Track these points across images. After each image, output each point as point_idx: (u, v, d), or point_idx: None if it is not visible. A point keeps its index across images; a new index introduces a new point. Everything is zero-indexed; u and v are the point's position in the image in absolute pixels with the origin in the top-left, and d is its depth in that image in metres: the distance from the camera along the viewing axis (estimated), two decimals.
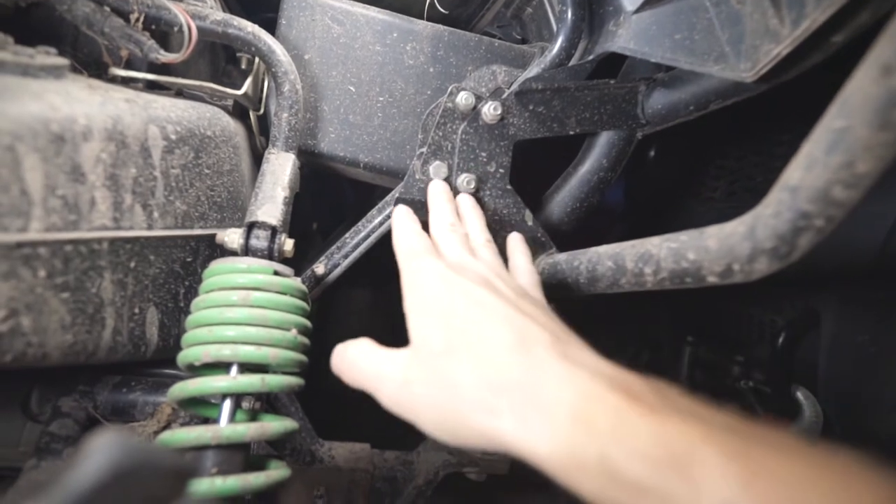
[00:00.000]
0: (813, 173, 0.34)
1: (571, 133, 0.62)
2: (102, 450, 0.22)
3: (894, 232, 0.68)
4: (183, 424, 0.58)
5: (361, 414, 1.16)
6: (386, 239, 0.71)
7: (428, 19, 0.71)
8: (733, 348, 0.99)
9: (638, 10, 0.55)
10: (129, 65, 0.60)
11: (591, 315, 1.37)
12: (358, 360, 0.42)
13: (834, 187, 0.32)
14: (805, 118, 0.36)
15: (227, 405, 0.48)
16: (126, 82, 0.59)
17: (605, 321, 1.39)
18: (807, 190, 0.34)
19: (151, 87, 0.61)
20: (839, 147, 0.32)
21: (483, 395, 0.33)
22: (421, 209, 0.62)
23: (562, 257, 0.56)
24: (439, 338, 0.37)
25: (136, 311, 0.52)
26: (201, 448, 0.45)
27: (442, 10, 0.76)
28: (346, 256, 0.69)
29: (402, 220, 0.52)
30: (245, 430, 0.46)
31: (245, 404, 0.51)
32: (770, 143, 0.93)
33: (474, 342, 0.36)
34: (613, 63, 0.64)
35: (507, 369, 0.34)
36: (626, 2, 0.57)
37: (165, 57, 0.56)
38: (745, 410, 0.95)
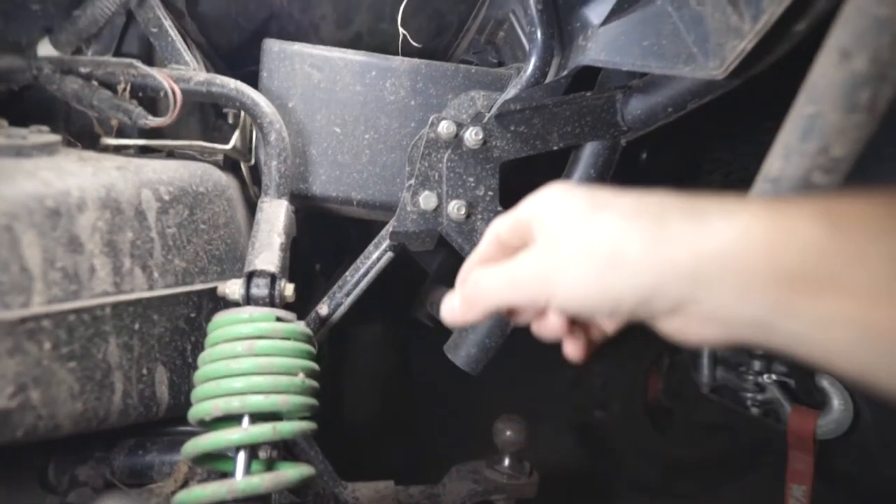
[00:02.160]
0: (791, 162, 0.34)
1: (555, 148, 0.62)
2: None
3: None
4: (201, 481, 0.58)
5: (383, 449, 1.15)
6: (387, 272, 0.72)
7: (404, 54, 0.73)
8: None
9: (604, 23, 0.57)
10: (120, 132, 0.63)
11: None
12: (498, 276, 0.36)
13: (813, 174, 0.32)
14: (786, 103, 0.37)
15: (242, 457, 0.48)
16: (119, 150, 0.61)
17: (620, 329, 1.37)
18: (788, 180, 0.34)
19: (143, 151, 0.63)
20: (813, 133, 0.32)
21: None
22: (415, 240, 0.63)
23: None
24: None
25: (145, 371, 0.53)
26: None
27: (415, 44, 0.78)
28: (348, 294, 0.69)
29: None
30: (259, 481, 0.45)
31: (262, 454, 0.51)
32: (758, 131, 0.94)
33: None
34: (589, 76, 0.65)
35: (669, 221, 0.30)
36: (592, 16, 0.59)
37: (154, 122, 0.58)
38: (772, 405, 0.92)
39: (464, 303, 0.39)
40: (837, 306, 0.25)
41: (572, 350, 0.39)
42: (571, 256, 0.32)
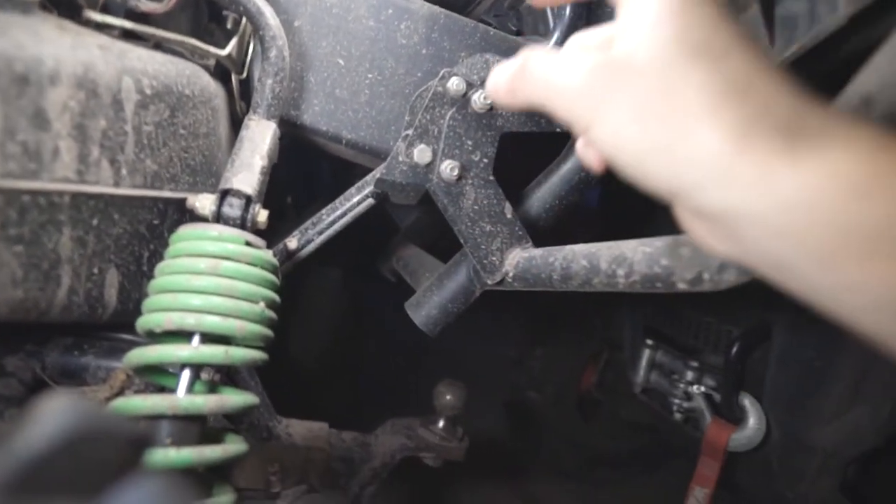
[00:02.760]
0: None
1: (558, 130, 0.62)
2: (54, 413, 0.21)
3: None
4: (137, 392, 0.56)
5: (323, 392, 1.16)
6: (360, 221, 0.70)
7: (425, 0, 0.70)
8: (689, 353, 1.03)
9: None
10: (105, 9, 0.57)
11: (558, 309, 1.41)
12: (552, 70, 0.30)
13: None
14: None
15: (187, 375, 0.47)
16: (101, 28, 0.55)
17: (570, 316, 1.42)
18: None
19: (128, 36, 0.58)
20: None
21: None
22: (401, 192, 0.61)
23: (537, 252, 0.56)
24: None
25: (96, 271, 0.50)
26: (156, 417, 0.44)
27: None
28: (320, 233, 0.68)
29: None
30: (203, 402, 0.44)
31: (204, 375, 0.50)
32: None
33: None
34: None
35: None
36: None
37: (147, 5, 0.53)
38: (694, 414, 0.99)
39: (511, 81, 0.33)
40: (889, 275, 0.22)
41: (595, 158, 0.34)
42: (633, 100, 0.26)
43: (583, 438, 1.36)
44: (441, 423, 0.85)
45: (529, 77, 0.31)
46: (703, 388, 0.97)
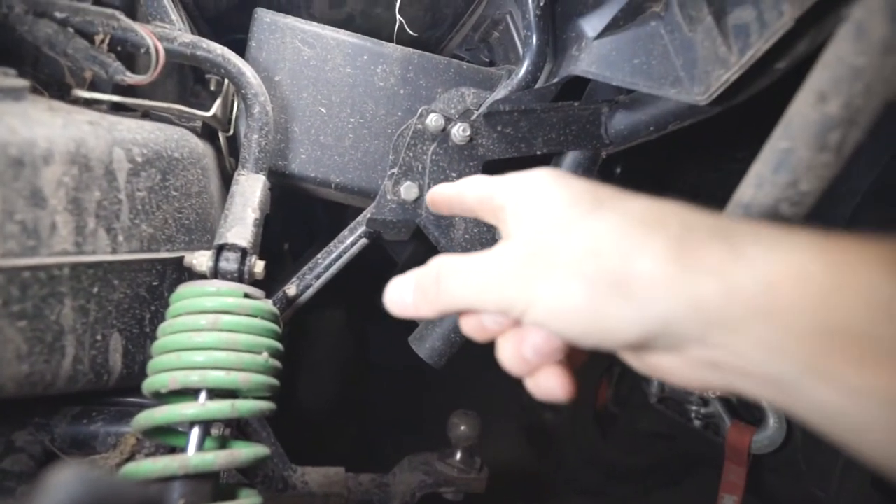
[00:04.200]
0: (763, 191, 0.36)
1: (538, 153, 0.63)
2: (62, 485, 0.21)
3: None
4: (148, 455, 0.56)
5: (335, 436, 1.14)
6: (358, 259, 0.71)
7: (397, 42, 0.73)
8: None
9: (599, 36, 0.58)
10: (93, 86, 0.59)
11: None
12: (467, 272, 0.29)
13: (781, 204, 0.34)
14: (759, 137, 0.39)
15: (196, 433, 0.47)
16: (90, 104, 0.57)
17: None
18: (758, 207, 0.36)
19: (117, 108, 0.60)
20: (784, 167, 0.34)
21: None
22: (391, 229, 0.63)
23: None
24: None
25: (99, 337, 0.51)
26: (168, 479, 0.44)
27: (411, 32, 0.77)
28: (318, 277, 0.69)
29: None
30: (214, 458, 0.44)
31: (214, 431, 0.50)
32: (728, 160, 0.98)
33: None
34: (578, 86, 0.66)
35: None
36: (588, 28, 0.60)
37: (132, 79, 0.55)
38: (714, 419, 0.97)
39: (420, 295, 0.31)
40: (888, 380, 0.20)
41: (556, 384, 0.30)
42: (561, 263, 0.25)
43: (603, 454, 1.33)
44: (458, 455, 0.83)
45: (450, 283, 0.30)
46: (718, 392, 0.96)
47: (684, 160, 1.09)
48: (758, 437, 0.84)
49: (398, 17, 0.75)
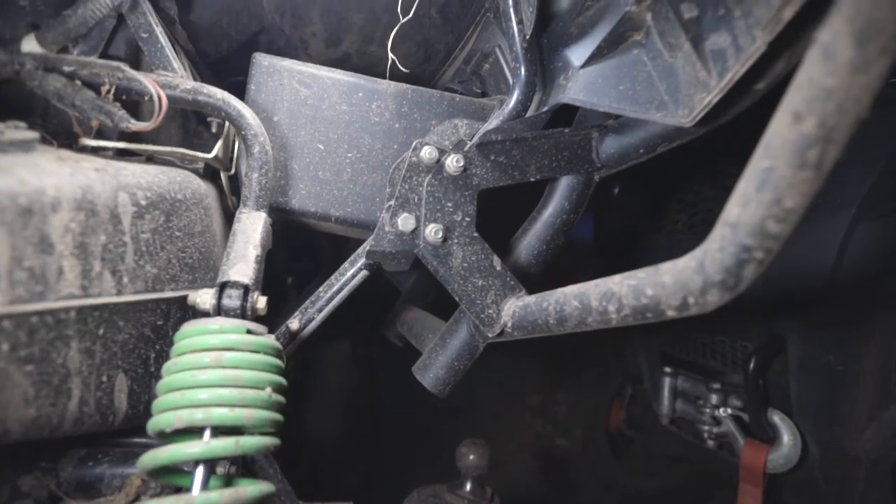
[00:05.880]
0: (748, 210, 0.36)
1: (532, 180, 0.65)
2: None
3: (841, 255, 0.72)
4: (153, 496, 0.56)
5: (345, 468, 1.13)
6: (362, 290, 0.72)
7: (391, 78, 0.75)
8: (709, 376, 1.01)
9: (584, 65, 0.60)
10: (99, 134, 0.62)
11: (570, 351, 1.39)
12: None
13: (767, 222, 0.35)
14: (749, 153, 0.40)
15: (200, 472, 0.47)
16: (96, 151, 0.60)
17: (586, 354, 1.40)
18: (745, 225, 0.36)
19: (123, 154, 0.62)
20: (767, 185, 0.35)
21: None
22: (391, 261, 0.64)
23: (531, 300, 0.57)
24: None
25: (105, 379, 0.51)
26: None
27: (403, 69, 0.80)
28: (320, 310, 0.69)
29: None
30: (218, 497, 0.44)
31: (220, 469, 0.50)
32: (723, 176, 0.99)
33: None
34: (567, 113, 0.68)
35: None
36: (574, 57, 0.62)
37: (136, 126, 0.57)
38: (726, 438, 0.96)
39: None
40: None
41: None
42: None
43: (618, 478, 1.30)
44: (468, 486, 0.82)
45: None
46: (729, 410, 0.94)
47: (681, 178, 1.10)
48: (773, 455, 0.83)
49: (390, 54, 0.77)
